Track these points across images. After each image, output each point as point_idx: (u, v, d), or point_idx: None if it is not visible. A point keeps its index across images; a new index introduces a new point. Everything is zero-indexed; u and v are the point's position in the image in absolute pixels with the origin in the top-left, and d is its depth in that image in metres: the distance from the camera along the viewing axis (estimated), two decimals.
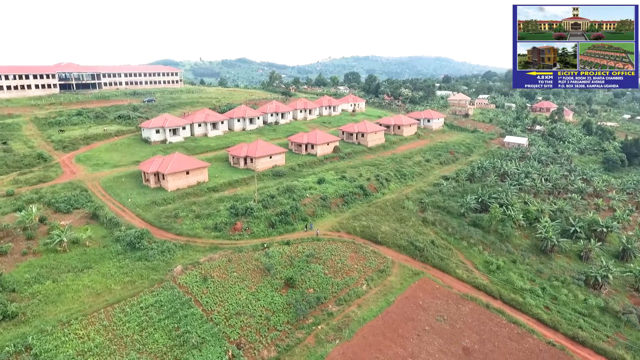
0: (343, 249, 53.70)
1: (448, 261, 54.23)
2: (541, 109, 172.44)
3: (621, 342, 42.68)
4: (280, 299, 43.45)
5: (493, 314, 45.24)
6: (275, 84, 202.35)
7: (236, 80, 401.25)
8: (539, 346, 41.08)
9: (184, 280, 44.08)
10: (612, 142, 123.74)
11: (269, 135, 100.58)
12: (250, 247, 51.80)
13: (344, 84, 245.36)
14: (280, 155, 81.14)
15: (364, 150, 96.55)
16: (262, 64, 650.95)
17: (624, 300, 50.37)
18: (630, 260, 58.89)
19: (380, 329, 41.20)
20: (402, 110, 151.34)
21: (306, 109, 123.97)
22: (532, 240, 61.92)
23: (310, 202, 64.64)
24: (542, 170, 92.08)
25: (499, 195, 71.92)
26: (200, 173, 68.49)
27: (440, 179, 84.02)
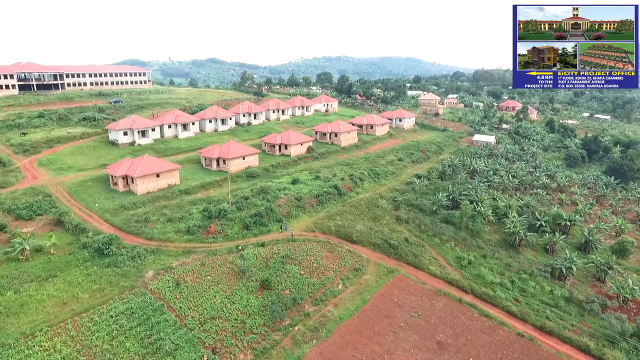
0: (318, 249, 53.73)
1: (421, 258, 55.23)
2: (507, 108, 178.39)
3: (585, 330, 44.67)
4: (256, 301, 43.01)
5: (465, 308, 46.40)
6: (247, 85, 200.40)
7: (207, 81, 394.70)
8: (509, 337, 42.43)
9: (156, 286, 42.92)
10: (573, 140, 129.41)
11: (241, 136, 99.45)
12: (224, 249, 51.02)
13: (317, 84, 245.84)
14: (253, 156, 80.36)
15: (337, 150, 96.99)
16: (234, 64, 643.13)
17: (587, 290, 52.76)
18: (592, 251, 61.73)
19: (356, 328, 41.47)
20: (374, 110, 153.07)
21: (279, 110, 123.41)
22: (501, 235, 63.90)
23: (284, 203, 64.34)
24: (509, 167, 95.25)
25: (469, 192, 73.85)
26: (172, 175, 66.91)
27: (413, 177, 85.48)
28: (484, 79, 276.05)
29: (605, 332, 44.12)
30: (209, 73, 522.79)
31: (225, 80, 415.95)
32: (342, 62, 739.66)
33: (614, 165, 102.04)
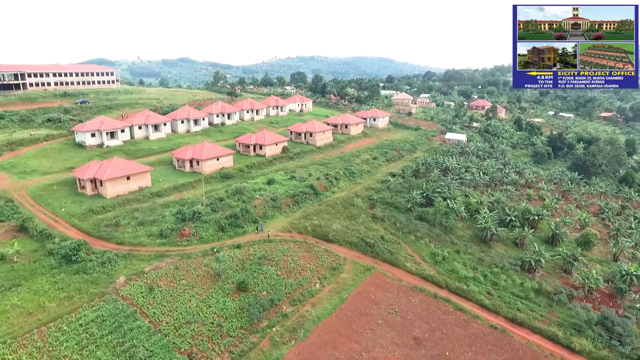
0: (295, 249, 53.53)
1: (397, 255, 55.91)
2: (477, 106, 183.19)
3: (554, 320, 46.34)
4: (232, 304, 42.41)
5: (441, 303, 47.28)
6: (220, 84, 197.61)
7: (178, 81, 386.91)
8: (482, 330, 43.53)
9: (128, 292, 41.64)
10: (539, 137, 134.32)
11: (215, 136, 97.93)
12: (199, 252, 50.05)
13: (291, 84, 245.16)
14: (227, 157, 79.27)
15: (312, 150, 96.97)
16: (206, 63, 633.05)
17: (555, 281, 54.77)
18: (559, 244, 64.14)
19: (335, 326, 41.55)
20: (348, 109, 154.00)
21: (253, 110, 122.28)
22: (473, 231, 65.50)
23: (260, 204, 63.78)
24: (480, 165, 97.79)
25: (442, 190, 75.35)
26: (143, 178, 65.10)
27: (388, 175, 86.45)
28: (455, 78, 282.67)
29: (572, 321, 45.92)
30: (181, 73, 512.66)
31: (197, 80, 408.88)
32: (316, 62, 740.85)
33: (578, 161, 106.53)
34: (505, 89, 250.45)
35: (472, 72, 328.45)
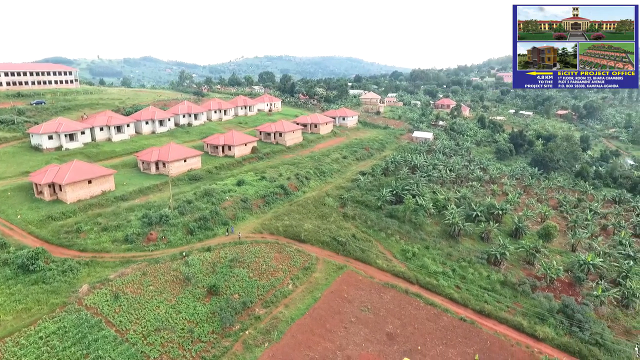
0: (267, 250, 53.01)
1: (369, 253, 56.46)
2: (442, 105, 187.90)
3: (519, 310, 48.19)
4: (203, 308, 41.46)
5: (412, 299, 48.12)
6: (185, 84, 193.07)
7: (142, 80, 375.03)
8: (452, 323, 44.65)
9: (92, 301, 39.88)
10: (502, 134, 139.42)
11: (182, 137, 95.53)
12: (167, 257, 48.61)
13: (259, 83, 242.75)
14: (195, 158, 77.49)
15: (282, 150, 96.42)
16: (170, 63, 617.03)
17: (519, 273, 56.96)
18: (522, 237, 66.80)
19: (308, 326, 41.43)
20: (317, 109, 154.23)
21: (221, 110, 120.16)
22: (441, 227, 67.10)
23: (230, 205, 62.73)
24: (446, 162, 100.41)
25: (411, 187, 76.78)
26: (106, 181, 62.56)
27: (358, 174, 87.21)
28: (421, 78, 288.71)
29: (535, 310, 47.90)
30: (144, 72, 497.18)
31: (161, 80, 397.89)
32: (284, 62, 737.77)
33: (537, 157, 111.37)
34: (468, 88, 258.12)
35: (437, 72, 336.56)
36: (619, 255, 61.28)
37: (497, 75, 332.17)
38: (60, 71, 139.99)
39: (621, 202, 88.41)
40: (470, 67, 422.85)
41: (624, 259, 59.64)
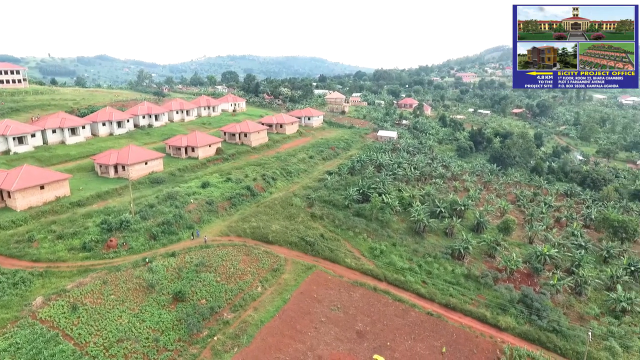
0: (234, 253, 52.05)
1: (337, 252, 56.70)
2: (405, 105, 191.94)
3: (482, 302, 49.95)
4: (169, 315, 40.12)
5: (380, 296, 48.76)
6: (145, 84, 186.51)
7: (97, 80, 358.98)
8: (420, 318, 45.64)
9: (47, 314, 37.63)
10: (462, 132, 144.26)
11: (142, 139, 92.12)
12: (129, 264, 46.67)
13: (222, 83, 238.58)
14: (157, 161, 74.93)
15: (248, 151, 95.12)
16: (128, 62, 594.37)
17: (481, 266, 59.06)
18: (483, 231, 69.32)
19: (278, 329, 41.04)
20: (283, 109, 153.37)
21: (183, 110, 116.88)
22: (407, 224, 68.46)
23: (195, 208, 61.11)
24: (410, 160, 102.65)
25: (377, 185, 77.82)
26: (60, 186, 59.24)
27: (325, 174, 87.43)
28: (384, 78, 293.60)
29: (497, 301, 49.83)
30: (99, 71, 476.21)
31: (119, 80, 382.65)
32: (248, 61, 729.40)
33: (496, 154, 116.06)
34: (429, 87, 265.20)
35: (400, 72, 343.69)
36: (572, 246, 64.94)
37: (457, 76, 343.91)
38: (7, 70, 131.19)
39: (572, 195, 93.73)
40: (431, 67, 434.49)
41: (576, 249, 63.26)
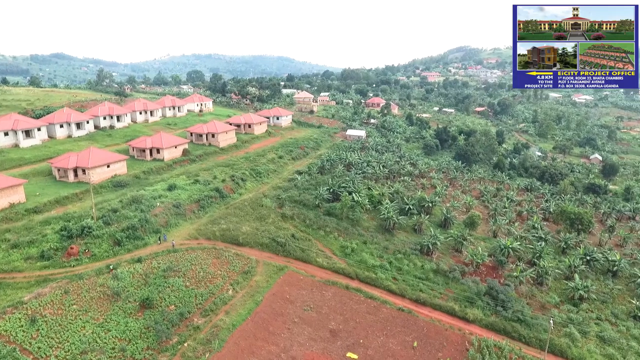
0: (204, 257, 50.94)
1: (309, 252, 56.64)
2: (373, 104, 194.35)
3: (450, 296, 51.33)
4: (136, 324, 38.73)
5: (352, 294, 49.10)
6: (105, 84, 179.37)
7: (53, 79, 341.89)
8: (391, 314, 46.30)
9: (3, 328, 35.44)
10: (428, 131, 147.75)
11: (103, 141, 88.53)
12: (92, 272, 44.69)
13: (188, 82, 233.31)
14: (120, 163, 72.21)
15: (216, 151, 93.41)
16: (87, 60, 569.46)
17: (449, 260, 60.68)
18: (450, 226, 71.28)
19: (251, 332, 40.51)
20: (250, 108, 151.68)
21: (147, 111, 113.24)
22: (377, 221, 69.34)
23: (161, 212, 59.33)
24: (379, 158, 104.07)
25: (347, 184, 78.37)
26: (13, 192, 55.95)
27: (294, 173, 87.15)
28: (351, 77, 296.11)
29: (465, 294, 51.36)
30: (56, 70, 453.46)
31: (77, 79, 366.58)
32: (214, 60, 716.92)
33: (460, 151, 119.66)
34: (396, 87, 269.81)
35: (367, 72, 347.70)
36: (533, 238, 67.92)
37: (422, 75, 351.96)
38: None
39: (532, 190, 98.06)
40: (397, 66, 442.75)
41: (537, 241, 66.21)
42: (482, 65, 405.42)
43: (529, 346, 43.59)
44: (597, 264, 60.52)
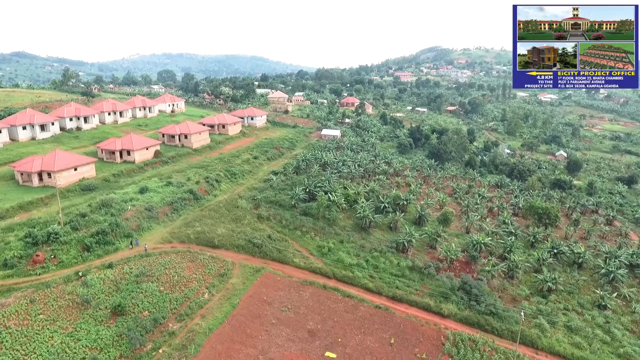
0: (178, 260, 49.88)
1: (286, 252, 56.40)
2: (347, 103, 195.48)
3: (426, 292, 52.21)
4: (108, 331, 37.53)
5: (330, 293, 49.22)
6: (71, 83, 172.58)
7: (15, 79, 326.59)
8: (369, 312, 46.70)
9: None
10: (402, 130, 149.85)
11: (70, 143, 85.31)
12: (60, 279, 43.02)
13: (158, 82, 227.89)
14: (88, 166, 69.79)
15: (189, 153, 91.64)
16: (50, 59, 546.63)
17: (424, 257, 61.71)
18: (425, 224, 72.51)
19: (228, 335, 39.96)
20: (224, 109, 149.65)
21: (116, 111, 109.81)
22: (353, 220, 69.75)
23: (133, 215, 57.70)
24: (354, 158, 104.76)
25: (323, 184, 78.48)
26: None
27: (270, 174, 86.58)
28: (326, 77, 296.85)
29: (440, 290, 52.38)
30: (17, 70, 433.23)
31: (40, 79, 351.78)
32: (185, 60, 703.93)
33: (433, 149, 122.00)
34: (370, 86, 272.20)
35: (341, 72, 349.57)
36: (504, 233, 69.96)
37: (395, 75, 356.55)
38: None
39: (502, 186, 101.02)
40: (370, 66, 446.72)
41: (508, 236, 68.26)
42: (453, 66, 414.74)
43: (501, 338, 44.90)
44: (564, 256, 63.01)
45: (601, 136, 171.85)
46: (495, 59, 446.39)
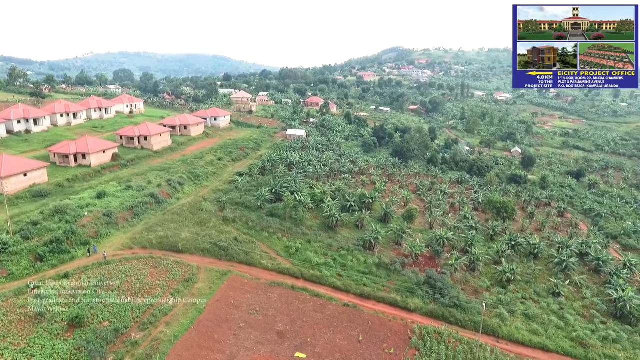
0: (140, 267, 48.10)
1: (253, 254, 55.71)
2: (312, 103, 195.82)
3: (393, 288, 53.17)
4: (64, 345, 35.60)
5: (298, 293, 49.09)
6: (18, 83, 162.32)
7: None
8: (338, 310, 46.98)
9: None
10: (366, 129, 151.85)
11: (19, 147, 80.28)
12: (9, 292, 40.37)
13: (115, 82, 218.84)
14: (39, 171, 65.93)
15: (149, 155, 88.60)
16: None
17: (390, 254, 62.82)
18: (390, 221, 73.80)
19: (195, 341, 38.98)
20: (186, 109, 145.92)
21: (69, 113, 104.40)
22: (320, 220, 69.95)
23: (90, 222, 55.09)
24: (320, 157, 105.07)
25: (289, 184, 78.16)
26: None
27: (235, 175, 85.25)
28: (290, 77, 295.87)
29: (406, 285, 53.52)
30: None
31: None
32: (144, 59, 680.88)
33: (397, 148, 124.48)
34: (334, 86, 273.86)
35: (305, 71, 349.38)
36: (465, 228, 72.50)
37: (358, 75, 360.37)
38: None
39: (462, 182, 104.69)
40: (334, 66, 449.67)
41: (469, 230, 70.81)
42: (414, 66, 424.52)
43: (465, 329, 46.47)
44: (521, 248, 66.14)
45: (552, 133, 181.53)
46: (453, 59, 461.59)
